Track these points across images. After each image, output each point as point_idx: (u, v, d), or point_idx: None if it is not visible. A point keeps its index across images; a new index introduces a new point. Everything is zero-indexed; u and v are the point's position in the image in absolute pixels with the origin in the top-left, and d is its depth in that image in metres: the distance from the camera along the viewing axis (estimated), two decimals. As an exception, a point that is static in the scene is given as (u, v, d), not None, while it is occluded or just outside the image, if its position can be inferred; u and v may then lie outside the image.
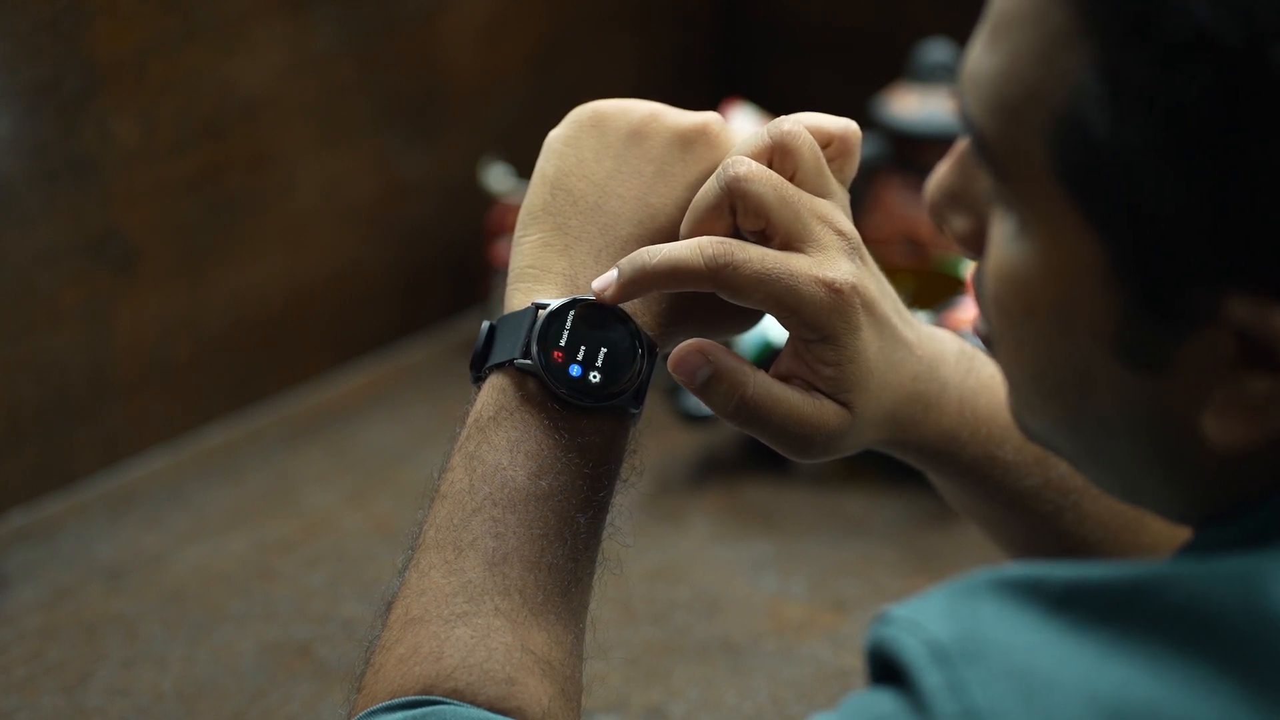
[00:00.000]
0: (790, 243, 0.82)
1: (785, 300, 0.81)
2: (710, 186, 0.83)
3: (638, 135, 0.86)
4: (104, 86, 1.48)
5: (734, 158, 0.83)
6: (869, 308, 0.82)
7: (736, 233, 0.84)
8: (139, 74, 1.51)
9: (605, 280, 0.82)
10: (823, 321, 0.81)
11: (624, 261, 0.82)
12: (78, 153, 1.47)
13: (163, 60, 1.52)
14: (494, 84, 1.86)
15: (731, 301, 0.83)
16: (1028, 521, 0.92)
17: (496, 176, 1.80)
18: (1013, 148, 0.64)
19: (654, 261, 0.81)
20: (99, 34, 1.47)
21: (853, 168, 0.87)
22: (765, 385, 0.82)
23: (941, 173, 0.71)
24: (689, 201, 0.85)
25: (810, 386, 0.83)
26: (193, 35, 1.55)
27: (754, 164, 0.82)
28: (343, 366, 1.76)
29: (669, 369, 0.83)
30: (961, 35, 0.81)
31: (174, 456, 1.58)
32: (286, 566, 1.41)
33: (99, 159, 1.49)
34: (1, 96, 1.41)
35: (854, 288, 0.82)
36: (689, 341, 0.83)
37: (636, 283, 0.82)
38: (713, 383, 0.82)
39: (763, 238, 0.83)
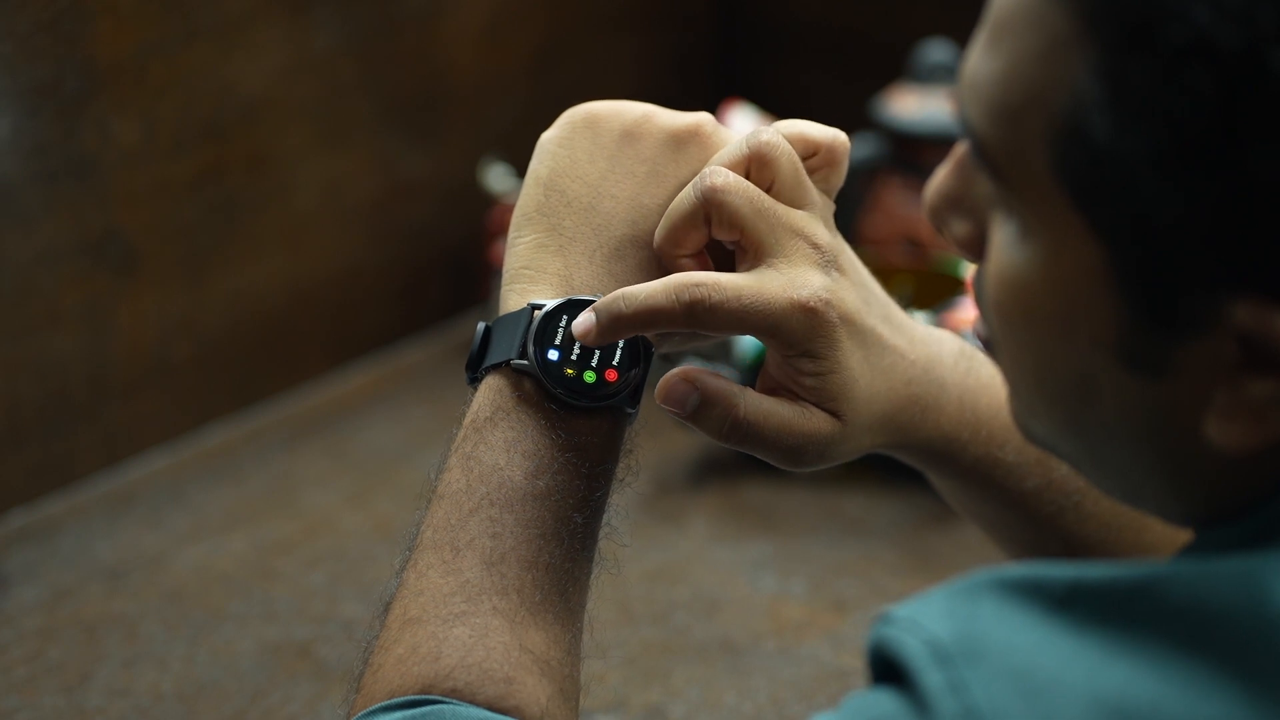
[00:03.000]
0: (762, 256, 0.82)
1: (762, 327, 0.81)
2: (686, 196, 0.83)
3: (630, 136, 0.87)
4: (104, 87, 1.48)
5: (711, 168, 0.83)
6: (846, 320, 0.82)
7: (712, 241, 0.84)
8: (139, 74, 1.51)
9: (585, 325, 0.82)
10: (799, 340, 0.82)
11: (599, 307, 0.82)
12: (78, 153, 1.47)
13: (163, 60, 1.52)
14: (494, 84, 1.86)
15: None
16: (1029, 522, 0.92)
17: (496, 176, 1.81)
18: (1013, 152, 0.64)
19: (629, 311, 0.81)
20: (99, 34, 1.47)
21: (839, 177, 0.87)
22: (755, 403, 0.83)
23: (940, 177, 0.71)
24: (683, 202, 0.86)
25: (797, 396, 0.83)
26: (193, 35, 1.55)
27: (731, 175, 0.82)
28: (343, 366, 1.76)
29: (656, 401, 0.83)
30: (961, 36, 0.81)
31: (174, 456, 1.58)
32: (286, 566, 1.41)
33: (99, 159, 1.49)
34: (2, 97, 1.41)
35: (827, 303, 0.82)
36: (672, 372, 0.83)
37: (614, 329, 0.82)
38: (704, 409, 0.82)
39: (737, 246, 0.84)
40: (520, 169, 1.81)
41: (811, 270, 0.82)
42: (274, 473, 1.57)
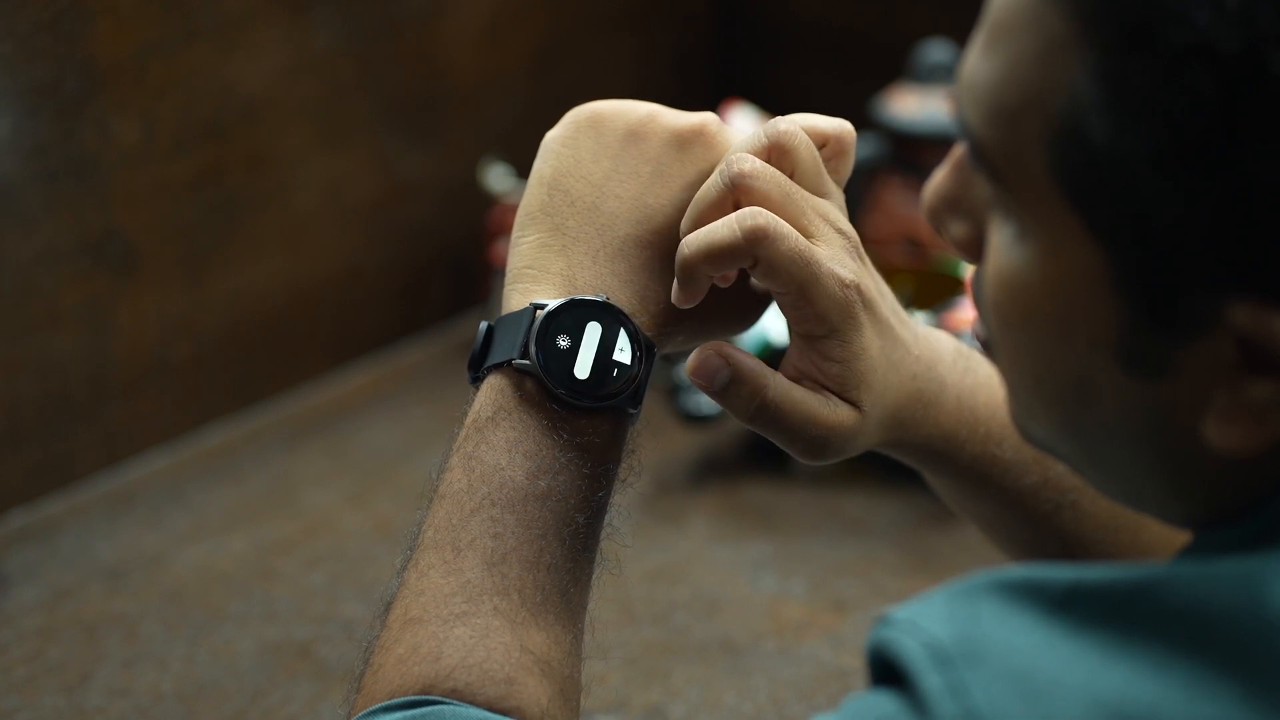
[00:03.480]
0: None
1: (807, 287, 0.81)
2: (714, 183, 0.83)
3: (635, 136, 0.86)
4: (104, 87, 1.48)
5: (737, 154, 0.83)
6: (869, 307, 0.83)
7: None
8: (139, 74, 1.51)
9: (676, 293, 0.83)
10: (831, 315, 0.81)
11: (676, 263, 0.82)
12: (78, 153, 1.47)
13: (163, 60, 1.52)
14: (494, 84, 1.86)
15: (758, 280, 0.83)
16: (1027, 521, 0.92)
17: (496, 176, 1.81)
18: (1011, 155, 0.64)
19: (691, 250, 0.81)
20: (99, 34, 1.47)
21: (848, 168, 0.88)
22: (785, 388, 0.82)
23: (939, 179, 0.71)
24: (686, 202, 0.85)
25: (819, 386, 0.83)
26: (193, 35, 1.55)
27: (758, 161, 0.83)
28: (343, 366, 1.76)
29: (687, 374, 0.83)
30: (961, 36, 0.81)
31: (174, 456, 1.58)
32: (286, 566, 1.41)
33: (99, 159, 1.49)
34: (2, 97, 1.41)
35: (859, 288, 0.82)
36: (707, 344, 0.83)
37: (690, 278, 0.82)
38: (733, 386, 0.82)
39: None
40: (520, 169, 1.81)
41: (843, 253, 0.83)
42: (274, 473, 1.57)
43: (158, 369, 1.57)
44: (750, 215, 0.81)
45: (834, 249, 0.82)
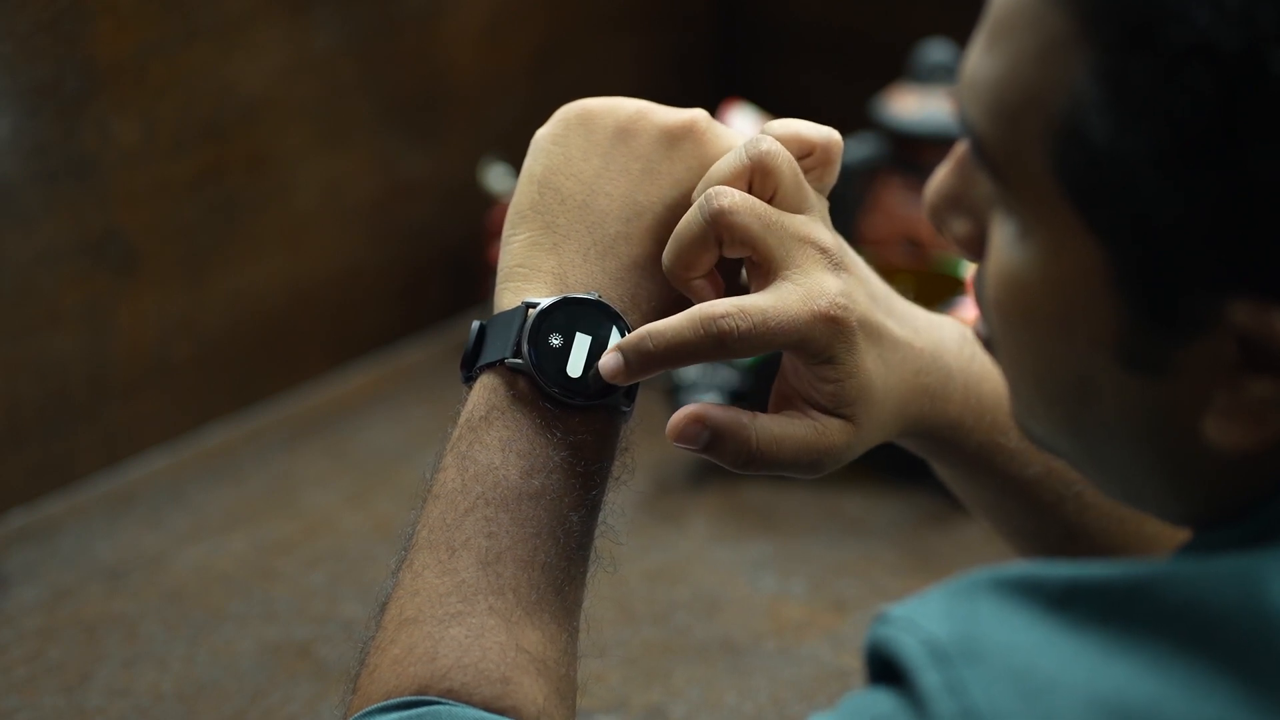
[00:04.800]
0: (776, 270, 0.82)
1: (790, 344, 0.81)
2: (695, 218, 0.82)
3: (625, 133, 0.86)
4: (104, 87, 1.48)
5: (716, 188, 0.82)
6: (861, 323, 0.82)
7: (722, 260, 0.84)
8: (139, 74, 1.51)
9: (614, 366, 0.82)
10: (823, 348, 0.81)
11: (626, 346, 0.82)
12: (78, 153, 1.47)
13: (163, 60, 1.52)
14: (494, 84, 1.86)
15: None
16: (1031, 510, 0.92)
17: (496, 176, 1.81)
18: (1012, 153, 0.64)
19: (658, 350, 0.81)
20: (99, 34, 1.47)
21: (832, 176, 0.87)
22: (767, 429, 0.82)
23: (941, 176, 0.71)
24: (676, 199, 0.85)
25: (808, 408, 0.83)
26: (193, 35, 1.55)
27: (736, 194, 0.82)
28: (343, 366, 1.76)
29: (669, 439, 0.83)
30: (961, 36, 0.81)
31: (174, 456, 1.58)
32: (286, 566, 1.41)
33: (99, 159, 1.49)
34: (2, 97, 1.41)
35: (845, 309, 0.81)
36: (681, 411, 0.83)
37: (644, 368, 0.82)
38: (716, 443, 0.82)
39: (749, 262, 0.84)
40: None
41: (825, 275, 0.82)
42: (274, 473, 1.57)
43: (158, 369, 1.57)
44: (714, 319, 0.80)
45: (811, 275, 0.82)
